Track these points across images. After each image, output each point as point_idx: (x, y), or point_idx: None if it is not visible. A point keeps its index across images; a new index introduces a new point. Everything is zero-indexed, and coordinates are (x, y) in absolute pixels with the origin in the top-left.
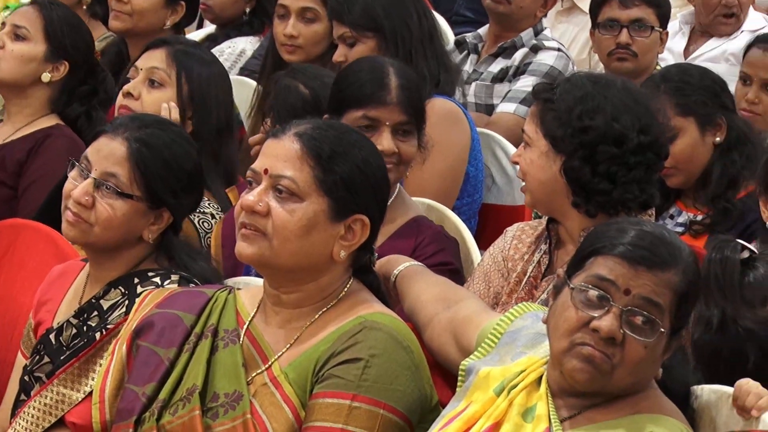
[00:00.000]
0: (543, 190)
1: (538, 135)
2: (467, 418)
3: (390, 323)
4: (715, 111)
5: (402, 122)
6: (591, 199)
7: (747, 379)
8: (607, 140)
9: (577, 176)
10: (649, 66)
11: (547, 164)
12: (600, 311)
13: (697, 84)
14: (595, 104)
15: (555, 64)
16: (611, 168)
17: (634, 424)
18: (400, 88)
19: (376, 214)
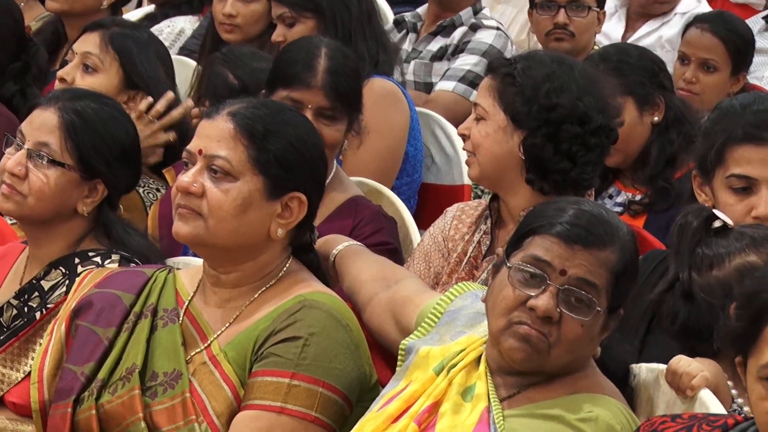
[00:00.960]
0: (496, 164)
1: (496, 109)
2: (407, 398)
3: (329, 302)
4: (653, 91)
5: (325, 107)
6: (548, 177)
7: (678, 357)
8: (572, 119)
9: (538, 153)
10: (586, 46)
11: (504, 138)
12: (537, 290)
13: (636, 64)
14: (561, 83)
15: (494, 43)
16: (572, 147)
17: (573, 404)
18: (326, 72)
19: (314, 192)
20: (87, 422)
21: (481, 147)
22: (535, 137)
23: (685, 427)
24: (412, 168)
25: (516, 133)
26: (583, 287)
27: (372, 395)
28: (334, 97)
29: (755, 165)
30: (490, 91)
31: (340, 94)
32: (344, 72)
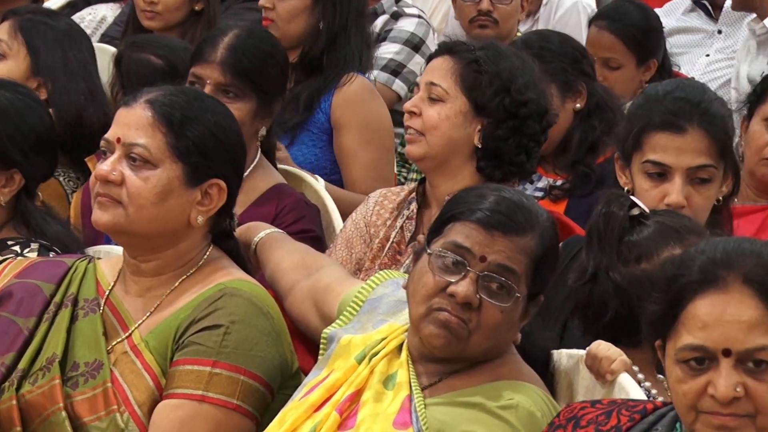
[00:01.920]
0: (448, 146)
1: (457, 92)
2: (329, 386)
3: (250, 290)
4: (575, 77)
5: (222, 83)
6: (502, 167)
7: (598, 342)
8: (535, 116)
9: (500, 144)
10: (510, 33)
11: (463, 123)
12: (457, 276)
13: (558, 50)
14: (530, 78)
15: (416, 31)
16: (530, 142)
17: (494, 391)
18: (226, 49)
19: (233, 178)
20: (8, 413)
21: (437, 129)
22: (499, 128)
23: (605, 412)
24: None
25: (476, 120)
26: (502, 273)
27: (294, 383)
28: (232, 73)
29: (670, 153)
30: (450, 74)
31: (239, 71)
32: (247, 50)
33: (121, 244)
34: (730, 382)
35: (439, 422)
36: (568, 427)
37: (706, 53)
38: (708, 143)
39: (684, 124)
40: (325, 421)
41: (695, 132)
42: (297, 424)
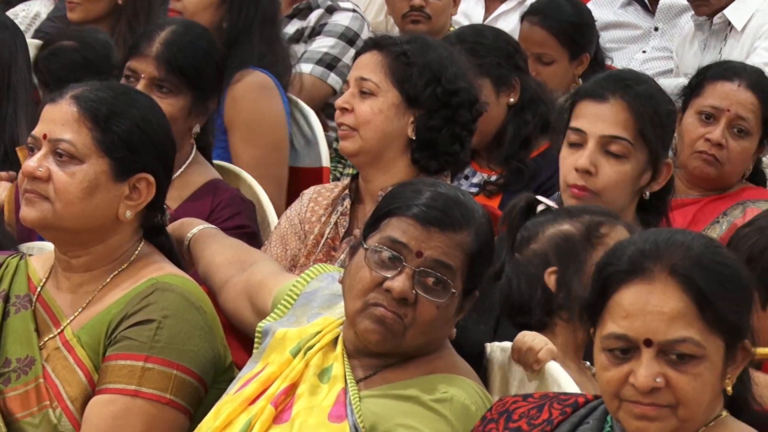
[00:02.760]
0: (382, 140)
1: (389, 85)
2: (264, 380)
3: (182, 284)
4: (509, 72)
5: (157, 77)
6: (438, 157)
7: (523, 333)
8: (466, 104)
9: (434, 134)
10: (443, 28)
11: (396, 116)
12: (393, 272)
13: (491, 45)
14: (457, 68)
15: (350, 25)
16: (463, 131)
17: (428, 384)
18: (162, 44)
19: (161, 173)
20: None
21: (370, 123)
22: (432, 118)
23: (536, 406)
24: None
25: (409, 112)
26: (438, 269)
27: (227, 376)
28: (167, 68)
29: (588, 119)
30: (380, 68)
31: (174, 66)
32: (183, 46)
33: (50, 239)
34: (649, 372)
35: (374, 415)
36: (501, 422)
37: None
38: (626, 117)
39: (607, 94)
40: (260, 414)
41: (616, 103)
42: (232, 418)
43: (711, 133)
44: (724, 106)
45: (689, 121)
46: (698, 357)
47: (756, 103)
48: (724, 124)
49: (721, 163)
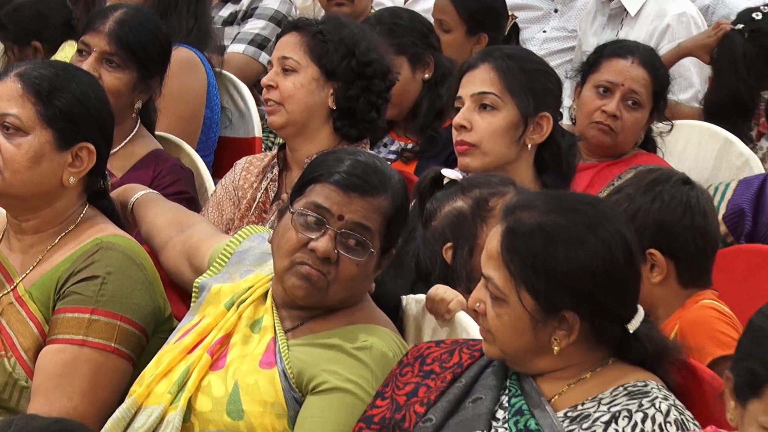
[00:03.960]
0: (306, 112)
1: (308, 62)
2: (200, 330)
3: (124, 244)
4: (423, 50)
5: (107, 51)
6: (357, 125)
7: (436, 286)
8: (380, 75)
9: (353, 104)
10: (364, 10)
11: (317, 89)
12: (317, 233)
13: (407, 26)
14: (372, 42)
15: (279, 8)
16: (378, 100)
17: (350, 334)
18: (115, 22)
19: (101, 142)
20: None
21: (293, 97)
22: (349, 89)
23: (448, 351)
24: (208, 128)
25: (328, 84)
26: (358, 231)
27: (167, 327)
28: (117, 44)
29: (464, 86)
30: (300, 46)
31: (124, 43)
32: (133, 26)
33: (2, 206)
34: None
35: (301, 362)
36: (416, 366)
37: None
38: (492, 75)
39: (479, 62)
40: (197, 362)
41: (484, 66)
42: (172, 365)
43: (607, 105)
44: (618, 80)
45: (587, 95)
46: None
47: (647, 79)
48: (618, 97)
49: (615, 133)
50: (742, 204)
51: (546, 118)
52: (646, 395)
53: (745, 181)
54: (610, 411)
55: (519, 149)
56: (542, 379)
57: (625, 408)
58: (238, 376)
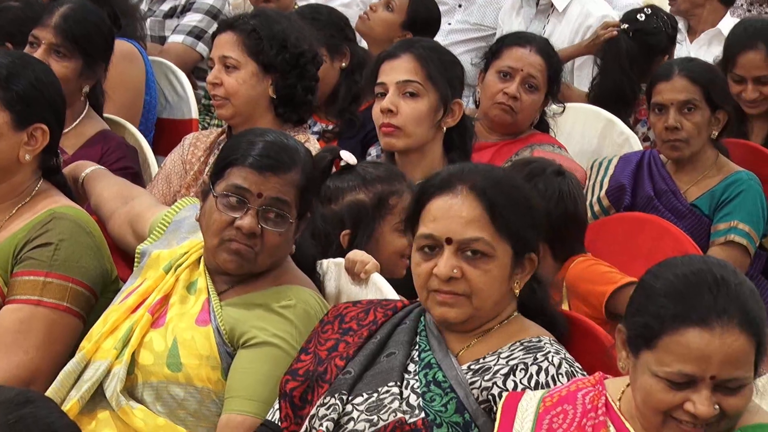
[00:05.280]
0: (249, 104)
1: (246, 59)
2: (142, 292)
3: (74, 213)
4: (341, 42)
5: (54, 43)
6: (297, 110)
7: (355, 250)
8: (311, 61)
9: (291, 91)
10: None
11: (257, 83)
12: (240, 212)
13: (326, 20)
14: (301, 32)
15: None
16: (311, 84)
17: (276, 294)
18: (60, 16)
19: (54, 122)
20: None
21: (237, 92)
22: (287, 79)
23: (364, 310)
24: (148, 112)
25: (267, 77)
26: (277, 205)
27: (113, 288)
28: (63, 36)
29: (386, 72)
30: (237, 45)
31: (69, 35)
32: (77, 19)
33: None
34: (448, 264)
35: (233, 319)
36: (335, 324)
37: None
38: (415, 65)
39: (399, 52)
40: (140, 320)
41: (405, 56)
42: (117, 324)
43: (508, 88)
44: (518, 66)
45: (490, 79)
46: (489, 255)
47: (543, 65)
48: (518, 81)
49: (515, 113)
50: (622, 180)
51: (458, 104)
52: (540, 350)
53: (625, 157)
54: (508, 364)
55: (435, 131)
56: (450, 336)
57: (521, 361)
58: (176, 332)
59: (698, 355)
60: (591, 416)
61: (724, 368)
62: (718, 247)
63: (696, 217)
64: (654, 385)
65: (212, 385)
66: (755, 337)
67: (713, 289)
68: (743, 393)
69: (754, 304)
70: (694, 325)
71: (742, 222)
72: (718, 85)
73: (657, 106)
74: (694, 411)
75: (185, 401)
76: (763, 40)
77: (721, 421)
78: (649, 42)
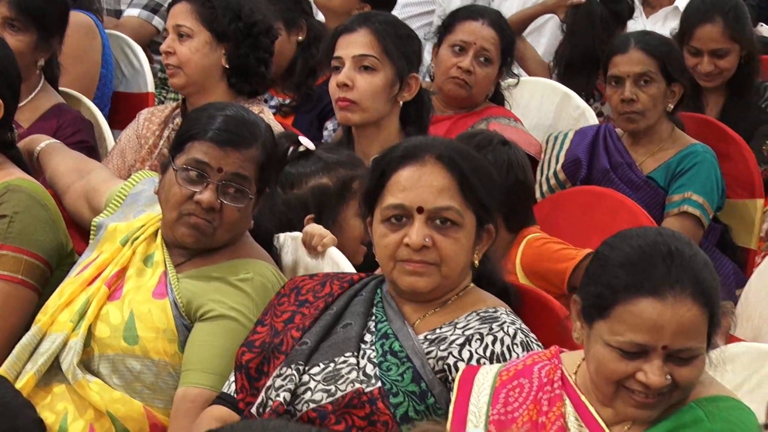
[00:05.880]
0: (202, 73)
1: (200, 28)
2: (99, 265)
3: (29, 186)
4: (297, 15)
5: (10, 17)
6: (249, 81)
7: (312, 224)
8: (265, 33)
9: (243, 61)
10: None
11: (210, 52)
12: (200, 187)
13: None
14: (253, 3)
15: None
16: (265, 55)
17: (233, 267)
18: None
19: (9, 97)
20: None
21: (190, 61)
22: (239, 48)
23: (320, 282)
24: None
25: (220, 46)
26: (236, 180)
27: (69, 261)
28: (17, 10)
29: (343, 47)
30: (191, 14)
31: (23, 8)
32: None
33: None
34: (421, 233)
35: (190, 292)
36: (292, 296)
37: None
38: (371, 39)
39: (356, 26)
40: (96, 293)
41: (363, 30)
42: (74, 296)
43: (462, 62)
44: (471, 40)
45: (444, 53)
46: (458, 224)
47: (496, 38)
48: (471, 54)
49: (470, 86)
50: (578, 154)
51: (415, 78)
52: (496, 320)
53: (580, 131)
54: (464, 335)
55: (392, 106)
56: (407, 306)
57: (477, 332)
58: (133, 305)
59: (650, 324)
60: (547, 390)
61: (676, 338)
62: (672, 218)
63: (651, 189)
64: (606, 355)
65: (169, 358)
66: (708, 308)
67: (667, 260)
68: (695, 364)
69: (708, 275)
70: (647, 295)
71: (696, 193)
72: (674, 57)
73: (613, 78)
74: (645, 381)
75: (142, 374)
76: (720, 13)
77: (674, 392)
78: (615, 9)
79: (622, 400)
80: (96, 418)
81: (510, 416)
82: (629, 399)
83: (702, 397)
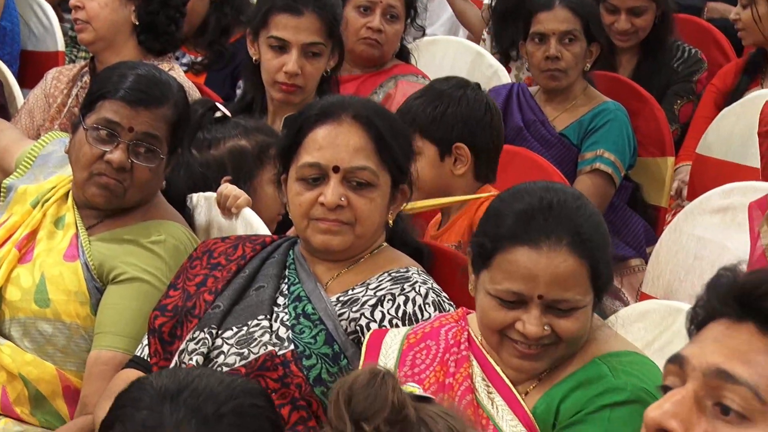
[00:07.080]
0: (111, 28)
1: None
2: (9, 227)
3: None
4: None
5: None
6: (159, 38)
7: (227, 185)
8: None
9: (153, 19)
10: None
11: (119, 7)
12: (110, 146)
13: None
14: None
15: None
16: (176, 14)
17: (145, 229)
18: None
19: None
20: None
21: (99, 16)
22: (150, 5)
23: (233, 245)
24: (11, 40)
25: (130, 2)
26: (147, 140)
27: None
28: None
29: (289, 30)
30: None
31: None
32: None
33: None
34: (336, 192)
35: (101, 255)
36: (204, 259)
37: None
38: (320, 25)
39: (302, 8)
40: (6, 256)
41: (310, 15)
42: None
43: (371, 22)
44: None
45: (351, 15)
46: (373, 185)
47: None
48: (379, 13)
49: (381, 45)
50: None
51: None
52: (408, 280)
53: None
54: (376, 295)
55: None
56: (319, 266)
57: (389, 292)
58: (44, 268)
59: (525, 273)
60: (453, 351)
61: (552, 288)
62: (584, 176)
63: (564, 146)
64: (488, 304)
65: (81, 321)
66: (588, 260)
67: (545, 212)
68: (576, 316)
69: (591, 228)
70: (523, 244)
71: (608, 151)
72: (596, 17)
73: (537, 35)
74: (523, 330)
75: (53, 337)
76: None
77: (558, 345)
78: None
79: (506, 351)
80: (8, 381)
81: (417, 378)
82: (512, 349)
83: (605, 354)
